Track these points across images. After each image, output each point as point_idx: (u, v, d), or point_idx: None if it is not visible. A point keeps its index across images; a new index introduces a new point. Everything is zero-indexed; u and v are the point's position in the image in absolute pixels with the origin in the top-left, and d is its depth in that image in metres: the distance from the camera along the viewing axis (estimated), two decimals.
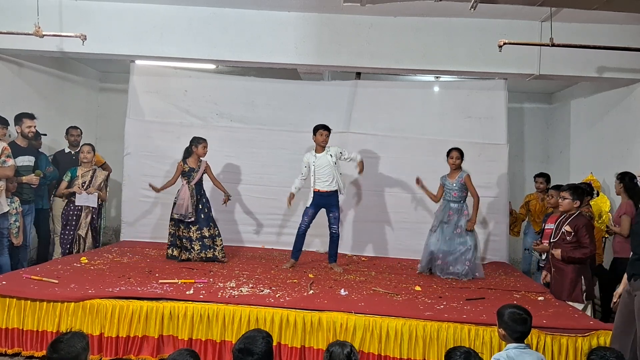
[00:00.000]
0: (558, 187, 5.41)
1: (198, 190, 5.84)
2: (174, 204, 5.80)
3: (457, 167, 5.70)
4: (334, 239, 5.77)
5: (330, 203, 5.68)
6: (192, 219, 5.73)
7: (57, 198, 6.21)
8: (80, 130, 6.76)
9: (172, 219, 5.82)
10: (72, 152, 6.68)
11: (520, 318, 2.99)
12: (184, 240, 5.77)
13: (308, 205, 5.70)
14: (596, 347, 3.46)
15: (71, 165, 6.23)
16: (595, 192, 5.96)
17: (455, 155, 5.67)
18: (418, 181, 5.88)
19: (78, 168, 6.04)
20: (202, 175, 5.88)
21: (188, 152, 5.86)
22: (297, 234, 5.74)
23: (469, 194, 5.69)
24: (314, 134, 5.66)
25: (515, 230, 6.99)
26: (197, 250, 5.72)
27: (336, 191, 5.69)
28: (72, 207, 5.93)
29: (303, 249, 5.86)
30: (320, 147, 5.66)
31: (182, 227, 5.76)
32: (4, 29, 5.66)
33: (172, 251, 5.84)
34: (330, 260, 5.83)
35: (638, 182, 5.33)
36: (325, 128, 5.64)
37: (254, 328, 3.46)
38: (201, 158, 5.88)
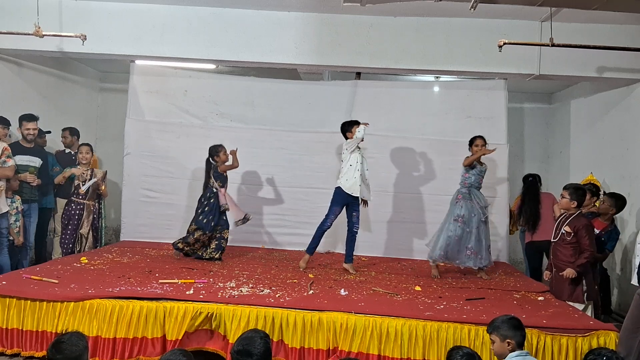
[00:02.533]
0: (612, 195, 5.41)
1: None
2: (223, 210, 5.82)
3: None
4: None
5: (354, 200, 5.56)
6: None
7: (59, 199, 6.21)
8: (69, 131, 6.73)
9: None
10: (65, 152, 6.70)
11: (518, 323, 3.03)
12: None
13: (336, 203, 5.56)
14: (592, 348, 3.45)
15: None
16: (601, 192, 5.93)
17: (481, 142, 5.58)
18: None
19: (77, 168, 6.04)
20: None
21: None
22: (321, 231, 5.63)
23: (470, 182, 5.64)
24: (351, 130, 5.48)
25: (513, 229, 6.98)
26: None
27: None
28: (73, 207, 5.94)
29: (301, 250, 5.86)
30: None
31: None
32: (4, 29, 5.66)
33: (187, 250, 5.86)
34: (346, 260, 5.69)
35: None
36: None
37: (251, 328, 3.46)
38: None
